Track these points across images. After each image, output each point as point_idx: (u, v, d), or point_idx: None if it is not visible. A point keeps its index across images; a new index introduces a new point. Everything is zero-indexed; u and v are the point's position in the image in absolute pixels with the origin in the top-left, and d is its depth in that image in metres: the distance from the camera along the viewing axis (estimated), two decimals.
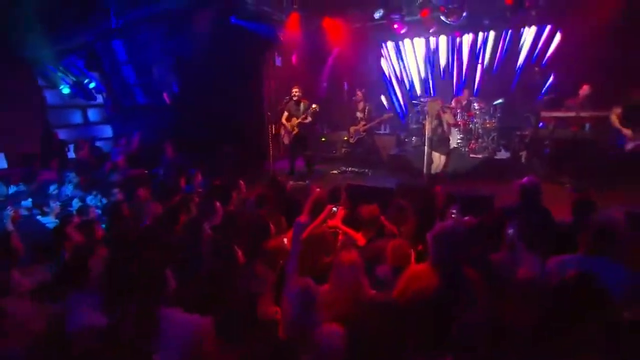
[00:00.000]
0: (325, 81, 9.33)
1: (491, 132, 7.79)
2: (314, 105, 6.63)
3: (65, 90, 6.43)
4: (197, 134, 7.68)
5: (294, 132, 6.73)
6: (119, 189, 4.68)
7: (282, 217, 3.68)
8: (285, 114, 6.70)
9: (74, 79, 6.03)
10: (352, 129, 7.73)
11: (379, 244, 2.87)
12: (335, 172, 7.76)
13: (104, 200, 4.81)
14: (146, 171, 5.73)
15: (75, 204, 4.59)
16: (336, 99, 9.28)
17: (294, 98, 6.62)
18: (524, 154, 7.34)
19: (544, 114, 6.85)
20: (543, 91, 7.88)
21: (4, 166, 6.86)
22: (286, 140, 6.79)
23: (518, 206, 3.15)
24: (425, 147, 6.38)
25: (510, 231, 2.48)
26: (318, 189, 3.87)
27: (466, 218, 3.19)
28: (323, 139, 9.33)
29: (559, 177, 6.37)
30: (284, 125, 6.70)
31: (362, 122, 7.64)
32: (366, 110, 7.63)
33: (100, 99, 6.94)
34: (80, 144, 5.48)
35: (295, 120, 6.67)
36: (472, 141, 7.68)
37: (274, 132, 6.33)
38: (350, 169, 7.76)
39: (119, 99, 6.82)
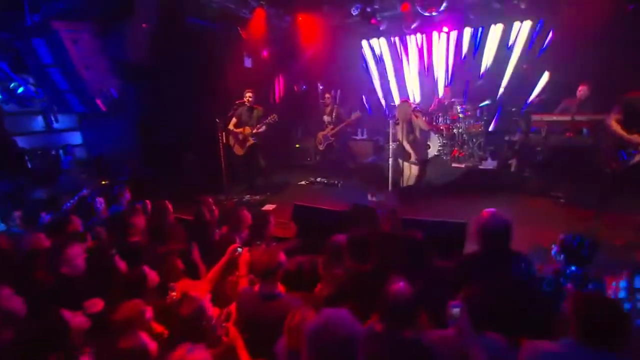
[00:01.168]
0: (298, 83, 8.56)
1: (477, 137, 7.00)
2: (272, 116, 5.86)
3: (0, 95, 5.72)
4: (156, 143, 7.03)
5: (248, 143, 5.95)
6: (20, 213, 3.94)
7: (177, 260, 2.87)
8: (234, 120, 5.91)
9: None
10: (320, 134, 6.95)
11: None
12: (303, 182, 7.01)
13: None
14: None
15: None
16: (310, 102, 8.50)
17: (247, 103, 5.83)
18: (513, 162, 6.52)
19: (535, 117, 6.01)
20: (535, 92, 7.07)
21: None
22: (238, 151, 5.99)
23: (478, 257, 2.31)
24: (390, 158, 5.66)
25: (455, 310, 1.67)
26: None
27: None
28: (297, 146, 8.57)
29: (552, 191, 5.58)
30: (233, 133, 5.91)
31: (330, 127, 6.85)
32: (334, 114, 6.84)
33: (37, 104, 6.24)
34: None
35: (248, 129, 5.88)
36: (456, 148, 6.87)
37: (224, 141, 5.56)
38: (319, 179, 6.99)
39: (54, 106, 6.10)
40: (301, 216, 4.33)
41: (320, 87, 8.15)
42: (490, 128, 7.24)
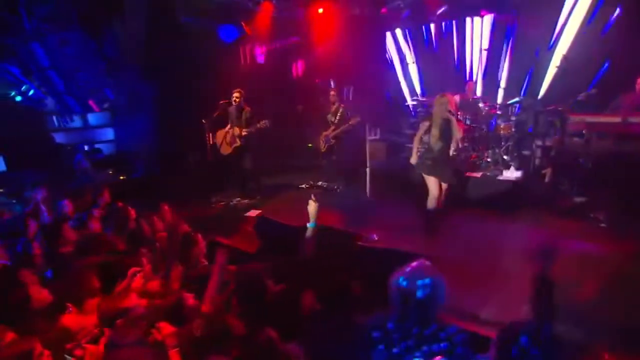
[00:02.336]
0: (308, 78, 8.07)
1: (506, 140, 5.93)
2: (263, 122, 5.50)
3: (18, 98, 6.14)
4: (166, 142, 7.10)
5: (235, 144, 5.65)
6: None
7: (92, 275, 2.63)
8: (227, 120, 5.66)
9: (11, 87, 5.67)
10: (322, 134, 6.42)
11: None
12: (303, 186, 6.58)
13: None
14: None
15: None
16: (321, 100, 7.98)
17: (234, 103, 5.52)
18: (548, 172, 5.40)
19: (573, 118, 4.90)
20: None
21: (3, 169, 6.90)
22: (225, 150, 5.72)
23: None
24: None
25: None
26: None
27: None
28: (309, 145, 8.11)
29: (592, 211, 4.49)
30: (220, 132, 5.66)
31: (332, 127, 6.29)
32: (339, 113, 6.25)
33: (51, 104, 6.60)
34: None
35: (237, 130, 5.59)
36: (475, 153, 5.89)
37: (210, 142, 5.33)
38: (320, 183, 6.51)
39: (57, 106, 6.36)
40: (264, 230, 3.95)
41: (332, 83, 7.58)
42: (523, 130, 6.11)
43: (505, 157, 5.86)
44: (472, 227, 4.32)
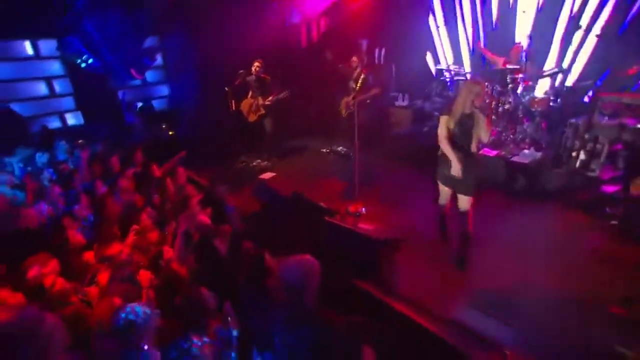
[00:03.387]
0: (342, 38, 7.89)
1: (541, 115, 5.45)
2: (284, 93, 5.84)
3: (82, 65, 7.17)
4: (206, 102, 7.78)
5: (259, 113, 6.08)
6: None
7: (114, 225, 3.43)
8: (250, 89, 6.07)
9: (77, 57, 6.65)
10: (344, 100, 6.52)
11: None
12: (325, 150, 6.91)
13: None
14: None
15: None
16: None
17: (254, 72, 5.85)
18: (579, 154, 4.96)
19: (606, 97, 4.41)
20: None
21: (80, 122, 8.38)
22: (251, 118, 6.20)
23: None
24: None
25: None
26: None
27: None
28: (342, 110, 8.22)
29: (609, 205, 4.19)
30: (246, 101, 6.10)
31: (353, 94, 6.34)
32: (360, 81, 6.24)
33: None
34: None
35: (260, 100, 5.99)
36: (498, 128, 5.56)
37: (233, 108, 5.83)
38: (339, 148, 6.77)
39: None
40: (261, 195, 4.47)
41: (365, 43, 7.38)
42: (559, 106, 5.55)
43: (534, 135, 5.46)
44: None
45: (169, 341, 1.70)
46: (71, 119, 7.94)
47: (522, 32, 6.34)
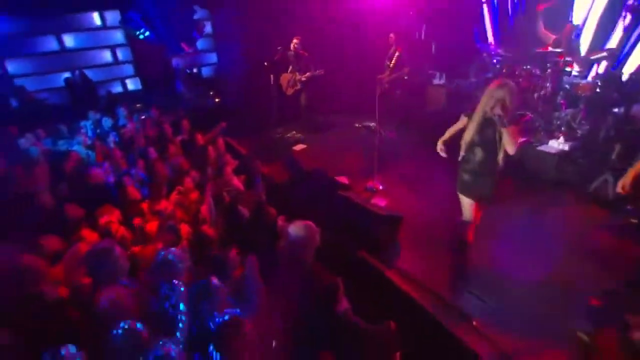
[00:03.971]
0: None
1: (586, 102, 5.19)
2: (318, 70, 6.12)
3: (141, 36, 7.87)
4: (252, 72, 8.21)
5: (296, 88, 6.43)
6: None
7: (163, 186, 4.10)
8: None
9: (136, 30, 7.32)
10: (378, 77, 6.63)
11: None
12: (357, 125, 7.14)
13: None
14: None
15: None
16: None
17: (293, 49, 6.14)
18: (617, 147, 4.76)
19: None
20: None
21: (138, 88, 9.33)
22: (288, 92, 6.55)
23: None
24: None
25: None
26: None
27: None
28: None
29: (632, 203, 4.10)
30: (284, 76, 6.45)
31: (387, 72, 6.43)
32: (394, 59, 6.30)
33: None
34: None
35: (297, 75, 6.31)
36: (531, 114, 5.44)
37: (272, 82, 6.22)
38: (372, 124, 6.95)
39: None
40: (289, 166, 4.94)
41: (406, 19, 7.29)
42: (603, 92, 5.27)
43: (572, 122, 5.27)
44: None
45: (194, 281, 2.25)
46: (131, 85, 8.84)
47: (580, 13, 5.94)
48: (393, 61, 6.33)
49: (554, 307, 2.84)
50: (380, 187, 4.64)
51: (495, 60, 6.26)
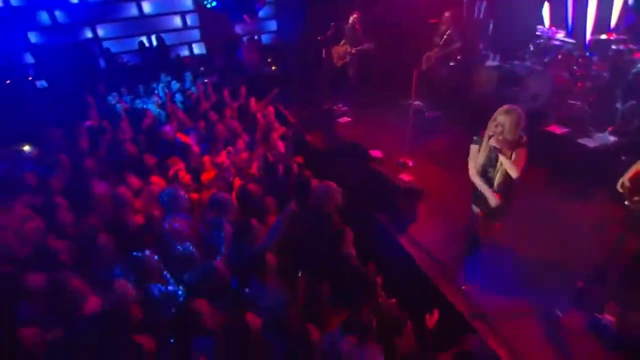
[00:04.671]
0: None
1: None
2: (368, 44, 6.31)
3: (208, 5, 8.49)
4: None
5: (345, 60, 6.69)
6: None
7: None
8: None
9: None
10: (426, 54, 6.64)
11: None
12: (402, 102, 7.28)
13: None
14: None
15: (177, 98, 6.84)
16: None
17: (350, 23, 6.36)
18: None
19: None
20: None
21: (203, 52, 10.17)
22: (338, 63, 6.82)
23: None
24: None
25: None
26: None
27: None
28: (452, 64, 8.15)
29: None
30: (335, 48, 6.71)
31: (436, 49, 6.43)
32: (445, 36, 6.27)
33: None
34: None
35: (348, 48, 6.56)
36: (579, 103, 5.26)
37: (324, 55, 6.52)
38: (417, 102, 7.06)
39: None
40: (331, 136, 5.40)
41: None
42: None
43: (627, 115, 5.03)
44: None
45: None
46: (196, 49, 9.63)
47: None
48: (443, 39, 6.33)
49: (544, 285, 3.06)
50: (411, 164, 4.93)
51: (552, 44, 6.01)
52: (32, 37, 7.76)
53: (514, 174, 2.72)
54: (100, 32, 8.24)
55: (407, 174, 4.66)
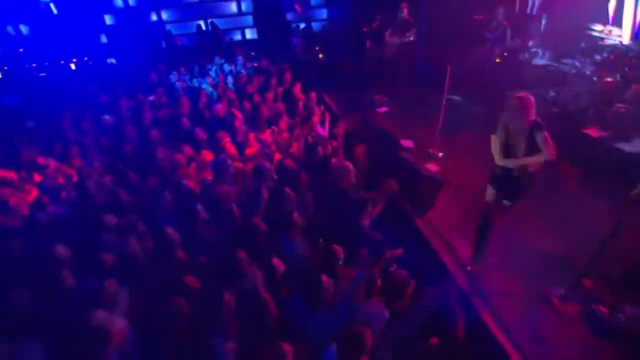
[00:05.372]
0: None
1: None
2: (409, 34, 6.50)
3: None
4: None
5: (392, 50, 6.87)
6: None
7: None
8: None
9: None
10: (473, 50, 6.65)
11: None
12: (443, 97, 7.35)
13: None
14: None
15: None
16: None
17: (399, 15, 6.53)
18: None
19: None
20: None
21: (255, 37, 10.76)
22: (387, 54, 7.01)
23: None
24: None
25: None
26: None
27: None
28: (497, 60, 8.07)
29: None
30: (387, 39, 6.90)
31: (488, 45, 6.42)
32: (499, 30, 6.21)
33: None
34: None
35: (396, 39, 6.73)
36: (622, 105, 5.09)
37: (368, 45, 6.74)
38: (456, 97, 7.11)
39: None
40: (367, 124, 5.70)
41: None
42: None
43: None
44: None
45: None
46: (249, 34, 10.19)
47: None
48: (496, 34, 6.30)
49: (548, 274, 3.22)
50: (440, 155, 5.11)
51: (607, 45, 5.81)
52: (107, 19, 8.69)
53: (549, 157, 2.82)
54: (164, 15, 9.01)
55: (435, 164, 4.86)
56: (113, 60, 8.71)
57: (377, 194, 3.35)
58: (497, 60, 6.95)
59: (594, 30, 6.34)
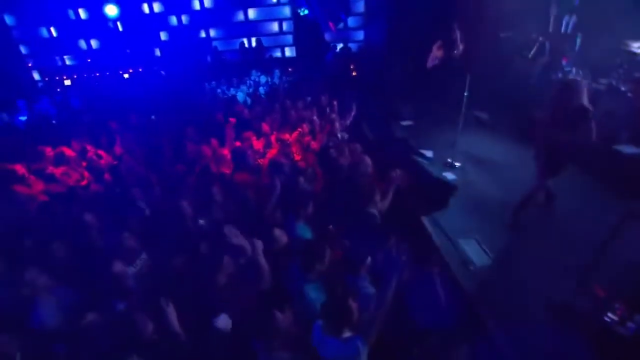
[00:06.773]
0: None
1: None
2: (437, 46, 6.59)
3: (301, 13, 9.61)
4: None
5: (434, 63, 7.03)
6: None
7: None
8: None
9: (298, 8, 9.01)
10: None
11: None
12: (469, 111, 7.32)
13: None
14: None
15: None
16: None
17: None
18: None
19: None
20: None
21: (293, 55, 11.47)
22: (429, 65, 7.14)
23: None
24: None
25: None
26: None
27: None
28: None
29: None
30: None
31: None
32: (535, 48, 6.18)
33: None
34: None
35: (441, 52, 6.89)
36: None
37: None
38: (481, 113, 7.05)
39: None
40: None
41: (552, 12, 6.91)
42: None
43: None
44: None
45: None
46: (288, 52, 10.85)
47: None
48: (533, 52, 6.29)
49: (553, 278, 3.13)
50: (457, 164, 5.13)
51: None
52: (162, 35, 9.72)
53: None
54: (212, 32, 9.90)
55: (451, 172, 4.88)
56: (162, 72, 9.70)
57: (385, 185, 3.45)
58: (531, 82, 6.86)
59: (630, 46, 6.13)
